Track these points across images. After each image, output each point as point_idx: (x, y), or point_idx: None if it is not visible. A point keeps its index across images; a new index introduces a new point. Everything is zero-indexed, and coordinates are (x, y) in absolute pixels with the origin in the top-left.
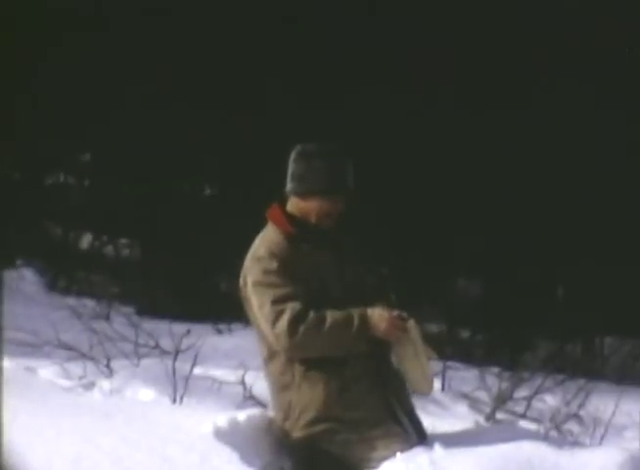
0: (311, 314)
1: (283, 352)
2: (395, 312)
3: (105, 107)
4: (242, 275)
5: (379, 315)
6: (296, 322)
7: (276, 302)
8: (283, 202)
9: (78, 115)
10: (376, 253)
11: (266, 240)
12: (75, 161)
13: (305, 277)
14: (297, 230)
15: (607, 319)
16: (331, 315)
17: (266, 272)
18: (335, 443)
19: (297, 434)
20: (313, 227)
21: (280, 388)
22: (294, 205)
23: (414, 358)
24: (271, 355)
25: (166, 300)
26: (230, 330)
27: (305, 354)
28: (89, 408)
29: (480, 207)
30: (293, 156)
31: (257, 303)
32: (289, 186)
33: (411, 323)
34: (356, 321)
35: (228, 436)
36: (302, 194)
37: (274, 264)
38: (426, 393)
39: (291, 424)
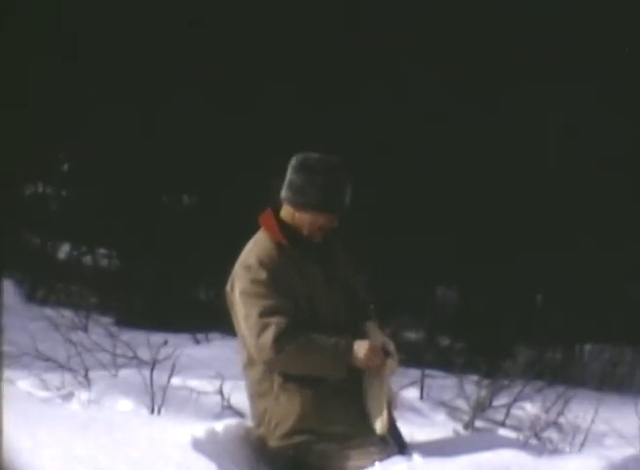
0: (297, 333)
1: (262, 365)
2: (380, 345)
3: (82, 117)
4: (229, 280)
5: (363, 346)
6: (281, 339)
7: (263, 314)
8: (276, 208)
9: (56, 125)
10: (355, 259)
11: (257, 248)
12: (54, 171)
13: (293, 289)
14: (289, 240)
15: (586, 326)
16: (317, 339)
17: (255, 282)
18: (313, 453)
19: (274, 443)
20: (304, 239)
21: (257, 395)
22: (288, 213)
23: (377, 396)
24: (250, 362)
25: (144, 310)
26: (208, 340)
27: (283, 370)
28: (67, 419)
29: (458, 214)
30: (293, 164)
31: (244, 312)
32: (285, 194)
33: (389, 362)
34: (341, 350)
35: (206, 446)
36: (299, 206)
37: (263, 275)
38: (377, 432)
39: (266, 432)
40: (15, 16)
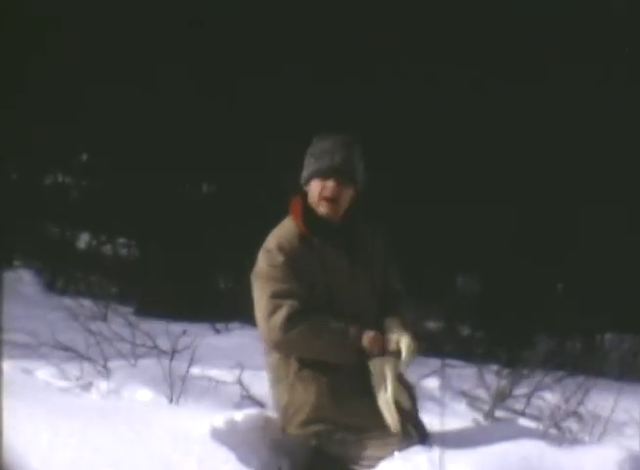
0: (308, 316)
1: (271, 347)
2: (394, 339)
3: (102, 106)
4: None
5: (368, 334)
6: (291, 320)
7: (275, 295)
8: (302, 196)
9: (76, 114)
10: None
11: (279, 233)
12: (73, 160)
13: (311, 277)
14: (311, 225)
15: (606, 316)
16: (327, 323)
17: (271, 266)
18: (332, 442)
19: (291, 431)
20: (327, 221)
21: (274, 381)
22: (308, 196)
23: (383, 394)
24: (269, 348)
25: (164, 299)
26: (228, 330)
27: (292, 354)
28: (86, 409)
29: (479, 203)
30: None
31: (257, 294)
32: (303, 174)
33: (393, 361)
34: (350, 336)
35: (225, 436)
36: (305, 182)
37: (280, 259)
38: (392, 430)
39: (284, 419)
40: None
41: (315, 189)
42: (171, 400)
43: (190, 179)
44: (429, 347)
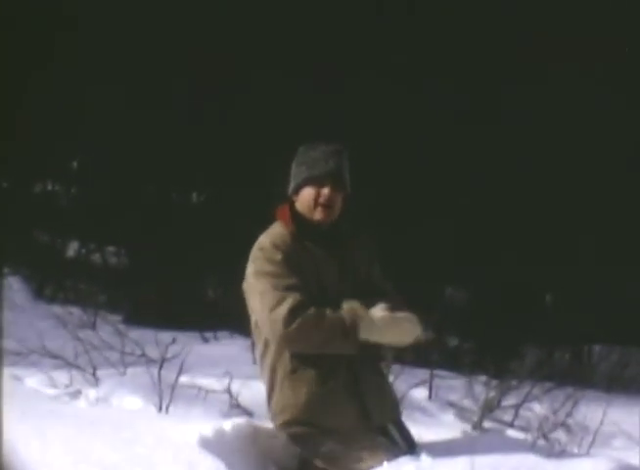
0: (311, 309)
1: (275, 341)
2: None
3: (91, 114)
4: (246, 270)
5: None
6: (295, 312)
7: (278, 289)
8: (290, 203)
9: (65, 122)
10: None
11: (271, 234)
12: (63, 168)
13: (305, 275)
14: (301, 228)
15: (595, 327)
16: (327, 314)
17: (270, 261)
18: (320, 455)
19: (277, 430)
20: (316, 229)
21: (269, 383)
22: (297, 205)
23: None
24: (264, 352)
25: (153, 308)
26: (216, 338)
27: (296, 347)
28: (75, 417)
29: (468, 214)
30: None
31: (259, 289)
32: (289, 188)
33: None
34: (349, 323)
35: (214, 445)
36: (295, 190)
37: (278, 255)
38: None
39: (271, 417)
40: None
41: (309, 196)
42: (160, 409)
43: (180, 188)
44: (417, 357)
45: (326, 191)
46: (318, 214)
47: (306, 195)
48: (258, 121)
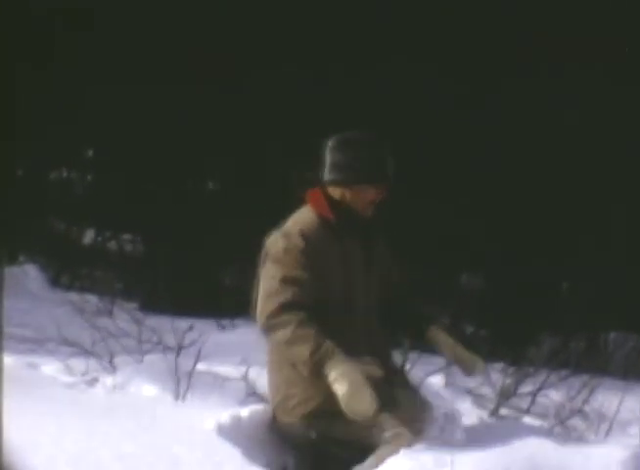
0: (301, 314)
1: (259, 326)
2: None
3: (107, 102)
4: (263, 252)
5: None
6: (283, 309)
7: (281, 280)
8: (321, 188)
9: (81, 110)
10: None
11: (300, 221)
12: (78, 156)
13: (329, 267)
14: (339, 217)
15: (611, 315)
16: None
17: (287, 250)
18: (335, 443)
19: (288, 420)
20: (351, 218)
21: (284, 377)
22: (336, 194)
23: None
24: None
25: (169, 295)
26: (233, 326)
27: (268, 340)
28: (92, 405)
29: (484, 201)
30: (333, 145)
31: (264, 274)
32: (332, 176)
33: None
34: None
35: (231, 432)
36: (350, 183)
37: (299, 244)
38: None
39: (281, 408)
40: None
41: (369, 195)
42: (177, 396)
43: (195, 175)
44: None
45: (382, 191)
46: (369, 211)
47: (367, 193)
48: (273, 110)
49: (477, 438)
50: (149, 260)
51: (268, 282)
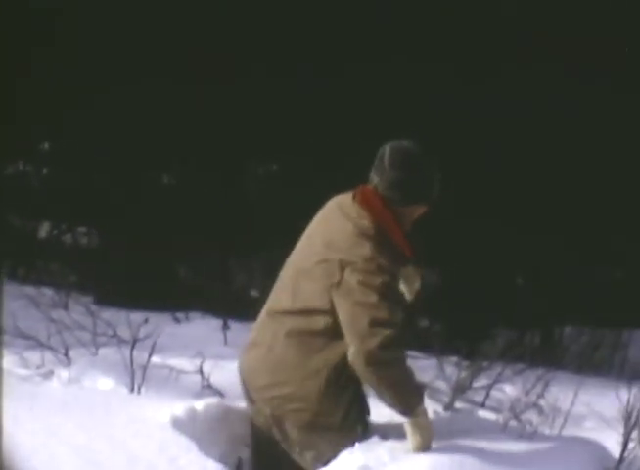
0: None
1: (359, 349)
2: None
3: (62, 95)
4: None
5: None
6: (395, 340)
7: (391, 301)
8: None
9: (36, 103)
10: None
11: (383, 248)
12: (34, 149)
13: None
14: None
15: (566, 309)
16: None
17: (389, 263)
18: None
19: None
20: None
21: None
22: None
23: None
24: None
25: (124, 289)
26: (188, 319)
27: (370, 370)
28: (47, 397)
29: (440, 196)
30: (392, 158)
31: (378, 284)
32: (393, 194)
33: None
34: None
35: (186, 425)
36: (409, 203)
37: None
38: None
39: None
40: None
41: (418, 213)
42: (132, 389)
43: (151, 169)
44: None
45: (425, 210)
46: (407, 229)
47: (418, 212)
48: (232, 104)
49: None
50: (104, 254)
51: (377, 297)
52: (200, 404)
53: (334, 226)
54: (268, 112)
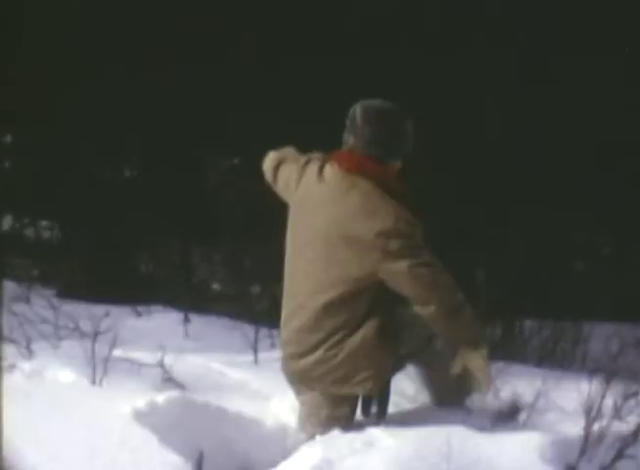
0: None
1: (437, 291)
2: None
3: (22, 89)
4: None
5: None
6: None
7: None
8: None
9: None
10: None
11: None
12: None
13: None
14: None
15: (527, 302)
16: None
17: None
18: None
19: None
20: None
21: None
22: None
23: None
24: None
25: (86, 282)
26: (149, 312)
27: (444, 306)
28: (10, 390)
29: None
30: (366, 116)
31: (427, 259)
32: (372, 150)
33: None
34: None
35: (147, 417)
36: (388, 158)
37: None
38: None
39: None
40: None
41: (394, 169)
42: (94, 382)
43: (112, 162)
44: None
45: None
46: (405, 187)
47: (396, 168)
48: (193, 96)
49: (394, 424)
50: (66, 247)
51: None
52: (161, 397)
53: (335, 204)
54: (230, 104)
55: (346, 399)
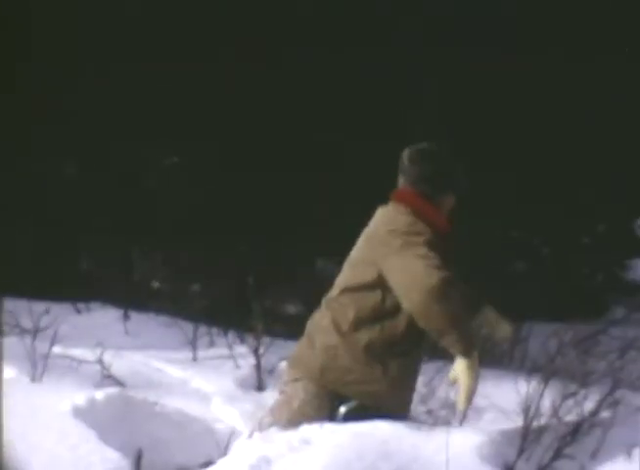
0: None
1: (422, 290)
2: None
3: None
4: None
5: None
6: (451, 283)
7: (436, 258)
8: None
9: None
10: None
11: (412, 221)
12: None
13: None
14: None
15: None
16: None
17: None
18: None
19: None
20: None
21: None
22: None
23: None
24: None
25: (26, 279)
26: (89, 309)
27: (435, 307)
28: None
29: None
30: (418, 158)
31: (418, 253)
32: (423, 188)
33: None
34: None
35: (86, 414)
36: (441, 194)
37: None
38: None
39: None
40: None
41: (446, 204)
42: (33, 379)
43: (52, 160)
44: (289, 330)
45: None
46: (447, 224)
47: (448, 203)
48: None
49: (332, 424)
50: (7, 244)
51: (422, 258)
52: (100, 394)
53: (371, 225)
54: (172, 103)
55: (330, 400)
